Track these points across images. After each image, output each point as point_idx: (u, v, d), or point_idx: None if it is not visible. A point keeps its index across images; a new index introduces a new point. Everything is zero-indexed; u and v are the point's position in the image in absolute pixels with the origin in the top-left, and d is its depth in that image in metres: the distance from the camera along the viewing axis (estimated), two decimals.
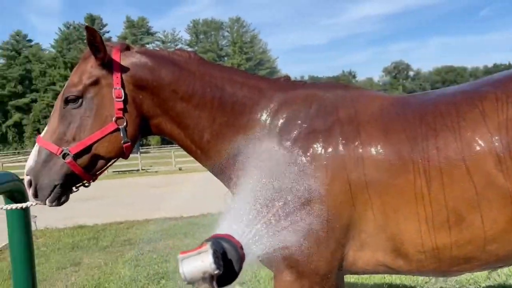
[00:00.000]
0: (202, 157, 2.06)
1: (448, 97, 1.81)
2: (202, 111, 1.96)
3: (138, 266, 5.53)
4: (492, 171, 1.58)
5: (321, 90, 1.99)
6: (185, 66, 2.00)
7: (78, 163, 1.88)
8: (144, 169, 28.50)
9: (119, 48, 1.97)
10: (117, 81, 1.89)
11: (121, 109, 1.89)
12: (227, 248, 1.06)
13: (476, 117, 1.65)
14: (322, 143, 1.80)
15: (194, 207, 10.27)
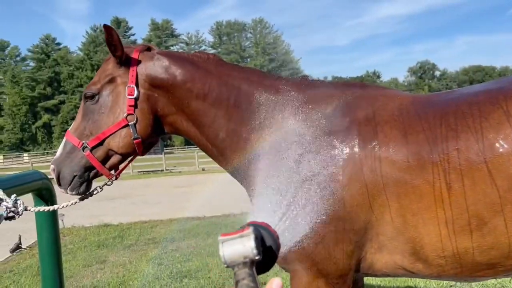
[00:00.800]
0: (218, 156, 2.08)
1: (470, 96, 1.75)
2: (218, 109, 1.99)
3: (162, 265, 5.61)
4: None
5: (338, 89, 1.97)
6: (203, 66, 2.04)
7: (95, 156, 1.98)
8: (168, 169, 28.86)
9: (139, 49, 2.05)
10: (132, 79, 1.98)
11: (132, 106, 1.97)
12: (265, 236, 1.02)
13: (500, 118, 1.59)
14: (339, 144, 1.78)
15: (216, 207, 10.35)
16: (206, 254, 6.06)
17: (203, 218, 9.22)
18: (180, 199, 12.81)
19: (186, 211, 10.03)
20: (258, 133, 1.95)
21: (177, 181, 20.20)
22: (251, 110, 1.97)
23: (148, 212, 10.32)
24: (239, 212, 9.44)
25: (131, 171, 27.02)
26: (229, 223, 8.35)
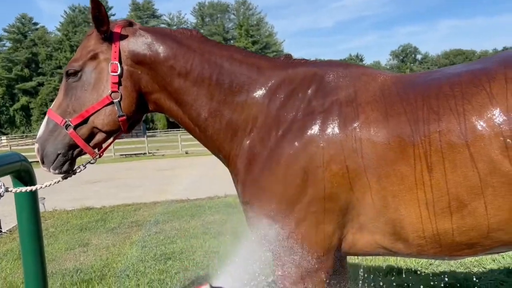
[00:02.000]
0: (200, 135, 2.06)
1: (453, 77, 1.72)
2: (200, 88, 1.96)
3: (145, 247, 5.60)
4: (498, 157, 1.51)
5: (321, 68, 1.95)
6: (185, 43, 2.00)
7: (79, 134, 1.94)
8: (151, 152, 28.59)
9: (122, 25, 1.99)
10: (114, 55, 1.92)
11: (116, 83, 1.92)
12: None
13: (483, 100, 1.57)
14: (319, 124, 1.76)
15: (200, 190, 10.35)
16: (190, 236, 6.07)
17: (187, 200, 9.20)
18: (163, 182, 12.77)
19: (169, 194, 10.01)
20: (240, 113, 1.94)
21: (160, 164, 20.06)
22: (233, 89, 1.95)
23: (131, 195, 10.25)
24: (223, 195, 9.47)
25: (113, 155, 26.72)
26: (213, 205, 8.36)
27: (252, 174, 1.86)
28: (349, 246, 1.82)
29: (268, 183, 1.79)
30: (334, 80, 1.89)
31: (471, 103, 1.59)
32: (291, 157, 1.76)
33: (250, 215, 1.91)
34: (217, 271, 4.47)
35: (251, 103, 1.94)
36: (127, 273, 4.56)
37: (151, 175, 15.40)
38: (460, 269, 4.11)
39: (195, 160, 21.23)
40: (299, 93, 1.88)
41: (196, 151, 26.92)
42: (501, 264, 4.17)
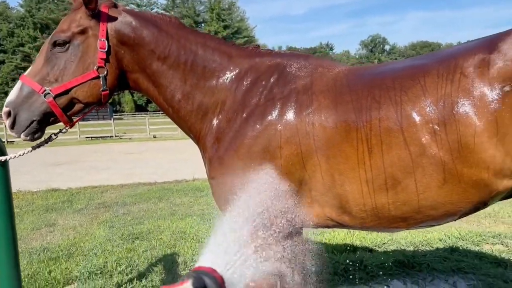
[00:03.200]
0: (173, 115, 2.23)
1: (395, 71, 1.94)
2: (175, 71, 2.12)
3: (113, 227, 5.69)
4: (427, 141, 1.73)
5: (283, 59, 2.14)
6: (165, 29, 2.14)
7: (57, 103, 2.01)
8: (118, 135, 28.19)
9: (108, 5, 2.11)
10: (102, 33, 2.04)
11: (103, 59, 2.04)
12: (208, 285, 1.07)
13: (417, 92, 1.79)
14: (279, 109, 1.96)
15: (168, 174, 10.44)
16: (158, 218, 6.20)
17: (154, 184, 9.27)
18: (130, 166, 12.72)
19: (137, 177, 10.04)
20: (210, 96, 2.12)
21: (127, 147, 19.89)
22: (205, 74, 2.13)
23: (97, 178, 10.22)
24: (191, 179, 9.60)
25: (79, 137, 26.18)
26: (181, 188, 8.49)
27: (218, 152, 2.04)
28: (302, 218, 2.03)
29: (232, 160, 1.98)
30: (294, 70, 2.09)
31: (407, 94, 1.80)
32: (253, 137, 1.96)
33: (215, 189, 2.10)
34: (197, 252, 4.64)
35: (220, 87, 2.12)
36: (94, 252, 4.66)
37: (118, 158, 15.27)
38: (410, 248, 4.46)
39: (163, 144, 21.17)
40: (263, 80, 2.08)
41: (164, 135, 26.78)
42: (447, 243, 4.56)
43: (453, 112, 1.70)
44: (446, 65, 1.79)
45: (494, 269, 3.81)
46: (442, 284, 3.60)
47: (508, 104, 1.62)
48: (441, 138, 1.72)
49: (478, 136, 1.66)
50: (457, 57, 1.80)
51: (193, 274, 1.08)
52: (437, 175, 1.74)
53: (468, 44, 1.93)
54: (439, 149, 1.72)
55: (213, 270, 1.12)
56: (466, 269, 3.82)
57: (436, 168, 1.74)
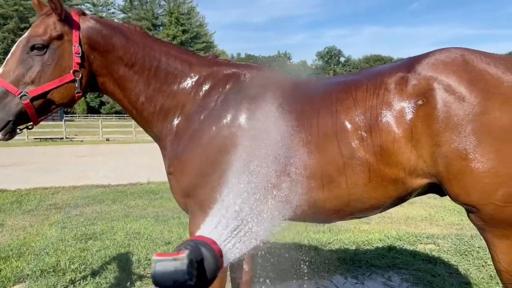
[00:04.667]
0: (137, 116, 2.42)
1: (334, 84, 2.23)
2: (140, 77, 2.32)
3: (65, 228, 5.66)
4: (356, 146, 2.02)
5: (239, 69, 2.39)
6: (131, 37, 2.34)
7: (33, 104, 2.12)
8: (69, 137, 27.30)
9: (78, 12, 2.27)
10: (76, 39, 2.20)
11: (78, 64, 2.20)
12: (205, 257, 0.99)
13: (349, 103, 2.07)
14: (232, 114, 2.20)
15: (122, 177, 10.36)
16: (111, 219, 6.22)
17: (108, 186, 9.19)
18: (82, 169, 12.46)
19: (89, 180, 9.89)
20: (172, 100, 2.33)
21: (78, 150, 19.36)
22: (168, 80, 2.33)
23: (48, 180, 9.95)
24: (145, 182, 9.60)
25: (26, 138, 25.10)
26: (136, 191, 8.49)
27: (177, 150, 2.25)
28: None
29: (190, 158, 2.19)
30: (248, 79, 2.33)
31: (341, 105, 2.08)
32: (209, 138, 2.18)
33: (173, 184, 2.29)
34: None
35: (181, 92, 2.34)
36: (46, 251, 4.65)
37: (69, 160, 14.88)
38: (352, 247, 4.81)
39: (116, 147, 20.79)
40: (220, 87, 2.31)
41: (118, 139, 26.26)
42: (386, 243, 4.95)
43: (378, 121, 1.98)
44: (374, 81, 2.07)
45: (425, 265, 4.22)
46: (379, 278, 3.94)
47: (420, 115, 1.92)
48: (367, 143, 2.00)
49: (396, 141, 1.96)
50: (383, 74, 2.09)
51: (190, 243, 0.99)
52: (363, 174, 2.03)
53: (393, 63, 2.25)
54: (366, 152, 2.00)
55: (213, 241, 1.05)
56: (400, 265, 4.21)
57: (363, 168, 2.02)
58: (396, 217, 6.40)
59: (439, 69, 1.94)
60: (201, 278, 0.95)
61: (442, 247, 4.84)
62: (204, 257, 0.98)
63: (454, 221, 6.17)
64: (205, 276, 0.97)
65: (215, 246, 1.03)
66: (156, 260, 0.91)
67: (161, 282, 0.89)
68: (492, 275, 3.90)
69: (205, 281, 0.97)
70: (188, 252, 0.92)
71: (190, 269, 0.90)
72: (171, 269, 0.89)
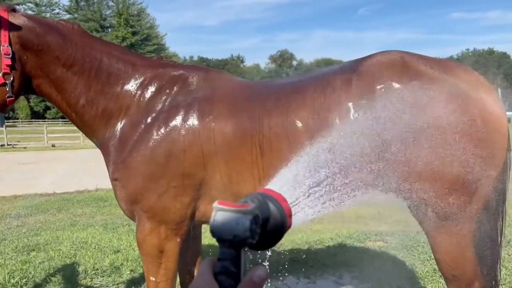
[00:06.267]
0: (77, 120, 2.29)
1: (284, 86, 2.24)
2: (80, 78, 2.18)
3: (5, 240, 5.32)
4: (306, 143, 1.99)
5: (186, 70, 2.33)
6: (69, 36, 2.19)
7: None
8: (11, 144, 25.79)
9: (6, 9, 2.08)
10: (5, 39, 2.03)
11: (9, 65, 2.03)
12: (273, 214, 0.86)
13: (299, 104, 2.09)
14: (182, 116, 2.14)
15: (69, 184, 9.91)
16: (56, 229, 5.93)
17: (53, 194, 8.77)
18: (25, 176, 11.81)
19: (32, 188, 9.38)
20: (115, 102, 2.22)
21: (21, 157, 18.32)
22: (110, 81, 2.22)
23: None
24: (93, 189, 9.24)
25: None
26: (83, 199, 8.16)
27: (122, 155, 2.15)
28: (201, 215, 2.22)
29: (136, 163, 2.11)
30: (196, 81, 2.28)
31: (291, 105, 2.10)
32: (157, 141, 2.11)
33: (119, 191, 2.19)
34: None
35: (125, 94, 2.23)
36: None
37: (10, 168, 14.05)
38: (305, 247, 4.88)
39: (62, 153, 19.88)
40: (167, 89, 2.24)
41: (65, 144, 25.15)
42: (337, 241, 5.07)
43: (326, 120, 2.02)
44: (321, 82, 2.11)
45: (374, 261, 4.34)
46: (330, 277, 4.02)
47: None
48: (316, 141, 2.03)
49: None
50: (329, 75, 2.13)
51: (258, 197, 0.87)
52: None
53: (339, 65, 2.29)
54: None
55: (283, 198, 0.92)
56: (351, 263, 4.31)
57: None
58: (347, 216, 6.55)
59: (380, 69, 2.01)
60: (265, 237, 0.84)
61: (390, 243, 5.01)
62: (271, 215, 0.85)
63: (401, 219, 6.41)
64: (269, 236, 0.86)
65: (285, 204, 0.90)
66: (218, 208, 0.80)
67: (219, 234, 0.79)
68: (436, 269, 4.08)
69: (269, 241, 0.87)
70: (254, 206, 0.81)
71: (254, 226, 0.79)
72: (232, 221, 0.78)
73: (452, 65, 2.03)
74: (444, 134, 1.86)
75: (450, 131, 1.86)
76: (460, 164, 1.87)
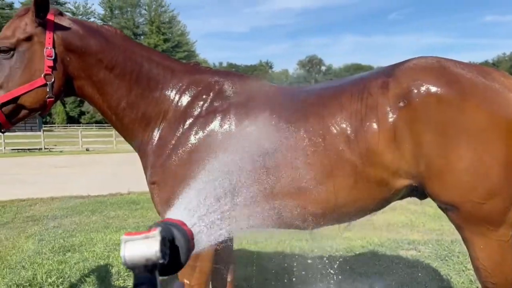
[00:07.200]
0: (117, 123, 2.34)
1: (319, 91, 2.25)
2: (121, 81, 2.24)
3: (43, 241, 5.51)
4: (343, 148, 2.03)
5: (221, 77, 2.36)
6: (111, 40, 2.26)
7: (3, 109, 2.05)
8: (47, 148, 26.77)
9: (53, 13, 2.16)
10: (49, 41, 2.10)
11: (50, 67, 2.10)
12: (176, 237, 0.94)
13: (336, 108, 2.09)
14: (218, 121, 2.17)
15: (102, 187, 10.16)
16: (91, 230, 6.09)
17: (87, 197, 9.02)
18: (61, 179, 12.21)
19: (68, 191, 9.67)
20: (154, 107, 2.27)
21: (57, 160, 18.96)
22: (150, 86, 2.27)
23: (25, 192, 9.67)
24: (126, 192, 9.44)
25: (3, 149, 24.50)
26: (116, 201, 8.35)
27: (161, 158, 2.19)
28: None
29: (174, 166, 2.14)
30: (232, 87, 2.31)
31: (328, 109, 2.10)
32: (195, 146, 2.14)
33: (156, 194, 2.23)
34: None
35: (164, 99, 2.28)
36: (22, 264, 4.52)
37: (47, 171, 14.55)
38: (335, 254, 4.81)
39: (96, 157, 20.46)
40: (204, 95, 2.28)
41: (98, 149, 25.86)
42: (368, 249, 4.98)
43: (362, 124, 2.01)
44: (358, 86, 2.11)
45: (406, 271, 4.24)
46: (361, 286, 3.95)
47: (402, 117, 1.96)
48: (353, 146, 2.02)
49: (381, 143, 1.98)
50: (366, 80, 2.13)
51: (160, 224, 0.94)
52: (350, 177, 2.04)
53: (376, 70, 2.28)
54: (352, 154, 2.02)
55: (183, 223, 0.99)
56: (382, 272, 4.23)
57: (349, 170, 2.03)
58: (378, 224, 6.44)
59: (417, 73, 1.99)
60: (174, 260, 0.90)
61: (423, 252, 4.89)
62: (175, 237, 0.93)
63: (434, 227, 6.25)
64: (178, 258, 0.93)
65: (186, 227, 0.99)
66: (126, 239, 0.84)
67: (132, 261, 0.83)
68: (472, 279, 3.95)
69: (178, 264, 0.93)
70: (160, 229, 0.86)
71: (163, 247, 0.84)
72: (143, 248, 0.83)
73: (489, 70, 2.01)
74: (483, 138, 1.83)
75: (490, 135, 1.83)
76: (500, 168, 1.83)
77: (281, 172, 2.10)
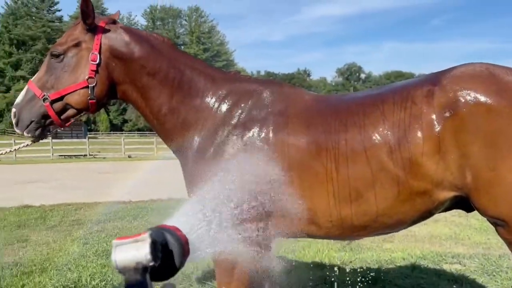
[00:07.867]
0: (158, 127, 2.42)
1: (359, 99, 2.22)
2: (164, 87, 2.33)
3: (87, 244, 5.72)
4: (385, 159, 1.98)
5: (261, 85, 2.38)
6: (157, 47, 2.36)
7: (53, 107, 2.28)
8: (92, 154, 27.86)
9: (106, 21, 2.34)
10: (96, 47, 2.27)
11: (93, 71, 2.26)
12: (169, 241, 0.95)
13: (377, 117, 2.04)
14: (257, 130, 2.19)
15: (143, 193, 10.43)
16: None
17: (129, 202, 9.29)
18: (104, 185, 12.62)
19: (111, 196, 10.00)
20: (194, 113, 2.33)
21: (101, 166, 19.68)
22: (191, 93, 2.34)
23: (71, 196, 10.10)
24: (166, 198, 9.64)
25: (51, 155, 25.73)
26: (157, 207, 8.55)
27: (200, 164, 2.23)
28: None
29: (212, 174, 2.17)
30: (270, 95, 2.32)
31: (369, 118, 2.06)
32: (233, 154, 2.16)
33: None
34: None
35: (204, 106, 2.33)
36: (68, 267, 4.70)
37: (91, 177, 15.14)
38: (375, 266, 4.70)
39: (138, 164, 21.04)
40: (242, 103, 2.30)
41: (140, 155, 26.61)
42: (409, 262, 4.83)
43: (406, 133, 1.96)
44: (400, 95, 2.06)
45: (450, 285, 4.07)
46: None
47: (448, 127, 1.90)
48: (396, 157, 1.97)
49: (425, 153, 1.92)
50: (409, 88, 2.07)
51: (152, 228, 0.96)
52: (392, 188, 1.99)
53: (419, 77, 2.23)
54: (395, 165, 1.97)
55: (176, 228, 1.00)
56: (425, 286, 4.08)
57: (392, 182, 1.98)
58: (420, 236, 6.23)
59: (465, 81, 1.93)
60: (168, 264, 0.91)
61: (469, 267, 4.67)
62: (168, 241, 0.94)
63: (480, 240, 5.97)
64: (172, 262, 0.93)
65: (179, 232, 0.99)
66: (116, 243, 0.86)
67: (122, 264, 0.84)
68: None
69: (173, 268, 0.94)
70: (150, 233, 0.88)
71: (153, 249, 0.86)
72: (132, 252, 0.84)
73: None
74: None
75: None
76: None
77: (318, 186, 2.08)
